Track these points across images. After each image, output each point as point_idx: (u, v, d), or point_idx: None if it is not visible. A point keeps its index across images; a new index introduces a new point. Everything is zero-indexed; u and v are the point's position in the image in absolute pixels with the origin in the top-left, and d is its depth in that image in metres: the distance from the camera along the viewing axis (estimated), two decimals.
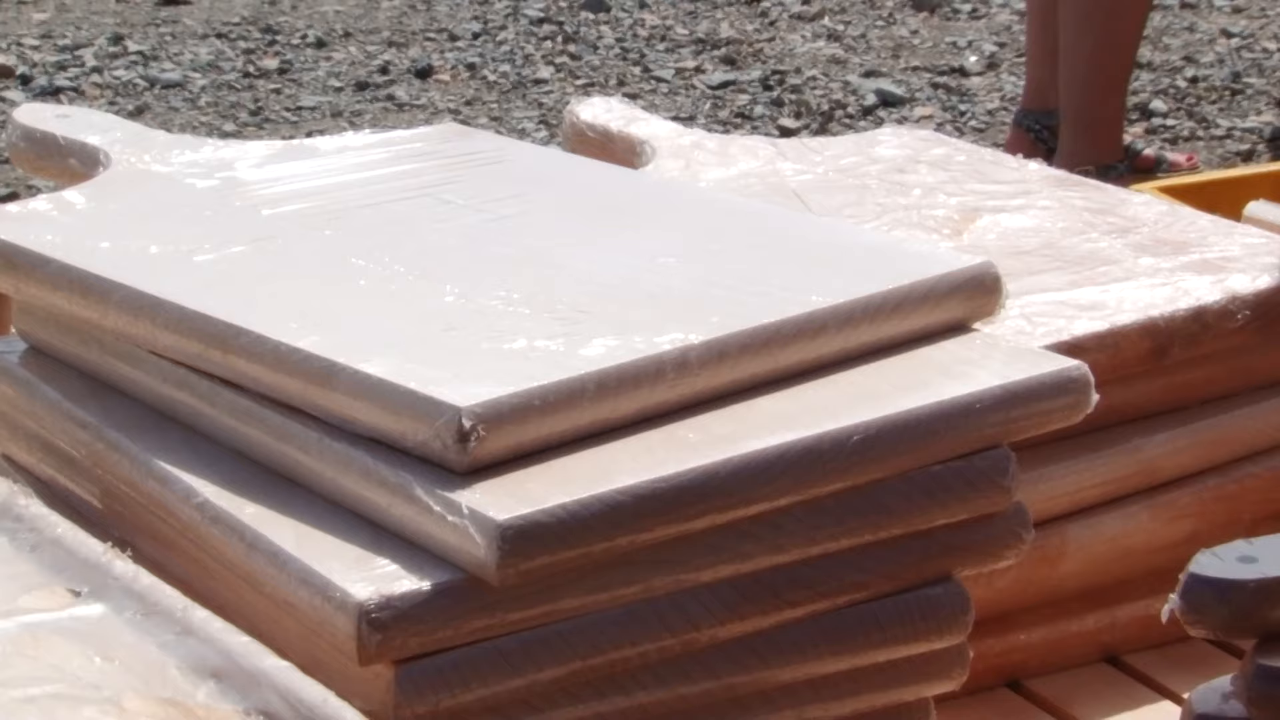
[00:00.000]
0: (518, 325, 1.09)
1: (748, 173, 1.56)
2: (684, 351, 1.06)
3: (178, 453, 1.10)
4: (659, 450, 1.03)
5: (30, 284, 1.18)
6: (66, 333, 1.19)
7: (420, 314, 1.11)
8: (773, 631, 1.07)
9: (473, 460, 1.00)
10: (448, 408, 1.00)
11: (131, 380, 1.16)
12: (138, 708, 0.91)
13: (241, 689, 0.93)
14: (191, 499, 1.06)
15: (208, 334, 1.10)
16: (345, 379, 1.04)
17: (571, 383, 1.03)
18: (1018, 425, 1.10)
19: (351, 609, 0.96)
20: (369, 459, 1.02)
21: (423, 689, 0.98)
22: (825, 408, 1.07)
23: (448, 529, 0.98)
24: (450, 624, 0.97)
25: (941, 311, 1.15)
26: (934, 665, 1.12)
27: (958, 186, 1.52)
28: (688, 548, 1.03)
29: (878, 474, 1.07)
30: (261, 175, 1.31)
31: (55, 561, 1.04)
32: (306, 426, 1.05)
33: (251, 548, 1.02)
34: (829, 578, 1.07)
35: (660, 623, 1.03)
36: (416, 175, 1.32)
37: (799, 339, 1.10)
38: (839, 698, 1.10)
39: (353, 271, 1.16)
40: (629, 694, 1.04)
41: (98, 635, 0.97)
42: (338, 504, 1.04)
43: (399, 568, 0.98)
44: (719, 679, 1.06)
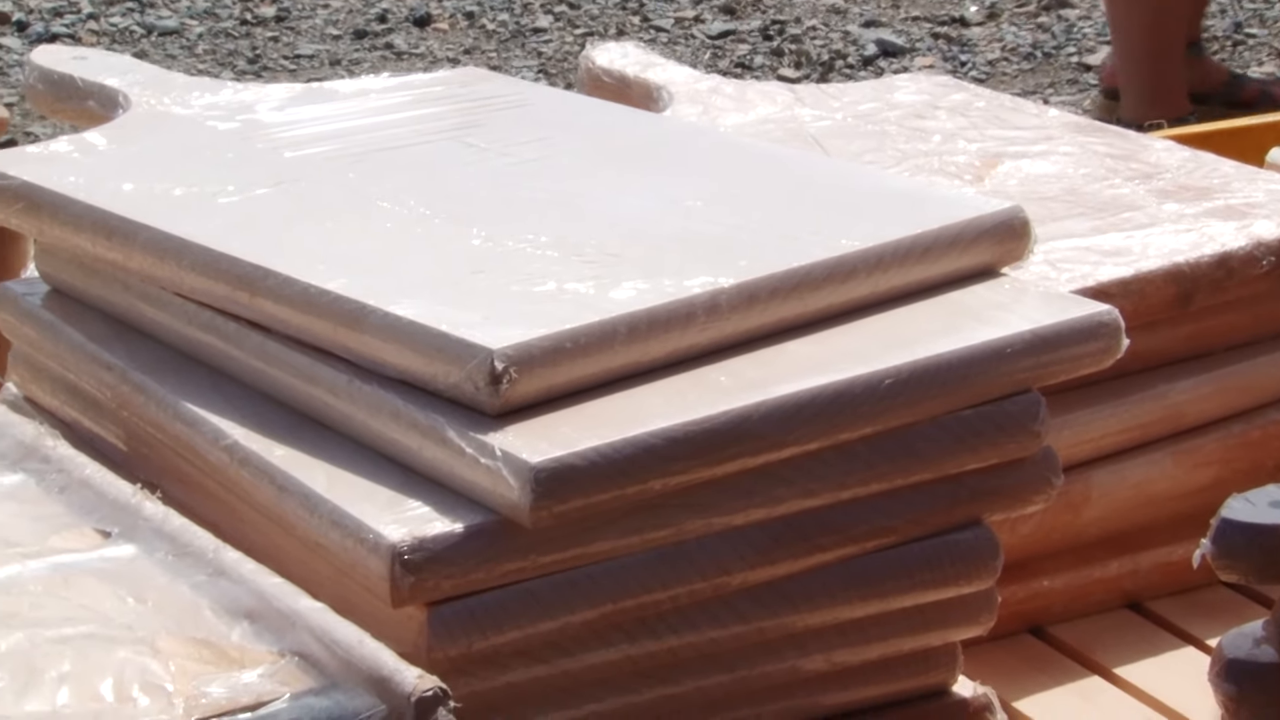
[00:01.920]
0: (546, 268, 1.08)
1: (766, 118, 1.55)
2: (714, 295, 1.06)
3: (205, 395, 1.09)
4: (690, 393, 1.03)
5: (53, 226, 1.17)
6: (90, 275, 1.19)
7: (448, 257, 1.10)
8: (802, 575, 1.06)
9: (504, 403, 0.99)
10: (479, 350, 0.99)
11: (156, 323, 1.15)
12: (172, 648, 0.91)
13: (275, 630, 0.92)
14: (220, 441, 1.06)
15: (234, 276, 1.09)
16: (375, 321, 1.03)
17: (602, 325, 1.02)
18: (1048, 370, 1.10)
19: (384, 551, 0.95)
20: (399, 401, 1.01)
21: (455, 631, 0.97)
22: (855, 352, 1.07)
23: (480, 471, 0.97)
24: (483, 566, 0.97)
25: (970, 256, 1.14)
26: (962, 610, 1.12)
27: (978, 133, 1.52)
28: (719, 491, 1.02)
29: (908, 418, 1.06)
30: (282, 118, 1.30)
31: (84, 503, 1.04)
32: (335, 369, 1.05)
33: (282, 490, 1.02)
34: (859, 522, 1.07)
35: (691, 566, 1.03)
36: (439, 119, 1.31)
37: (829, 283, 1.10)
38: (867, 642, 1.10)
39: (379, 214, 1.16)
40: (659, 637, 1.04)
41: (129, 576, 0.97)
42: (367, 447, 1.03)
43: (431, 510, 0.98)
44: (749, 623, 1.06)
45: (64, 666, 0.89)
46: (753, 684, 1.08)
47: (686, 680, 1.06)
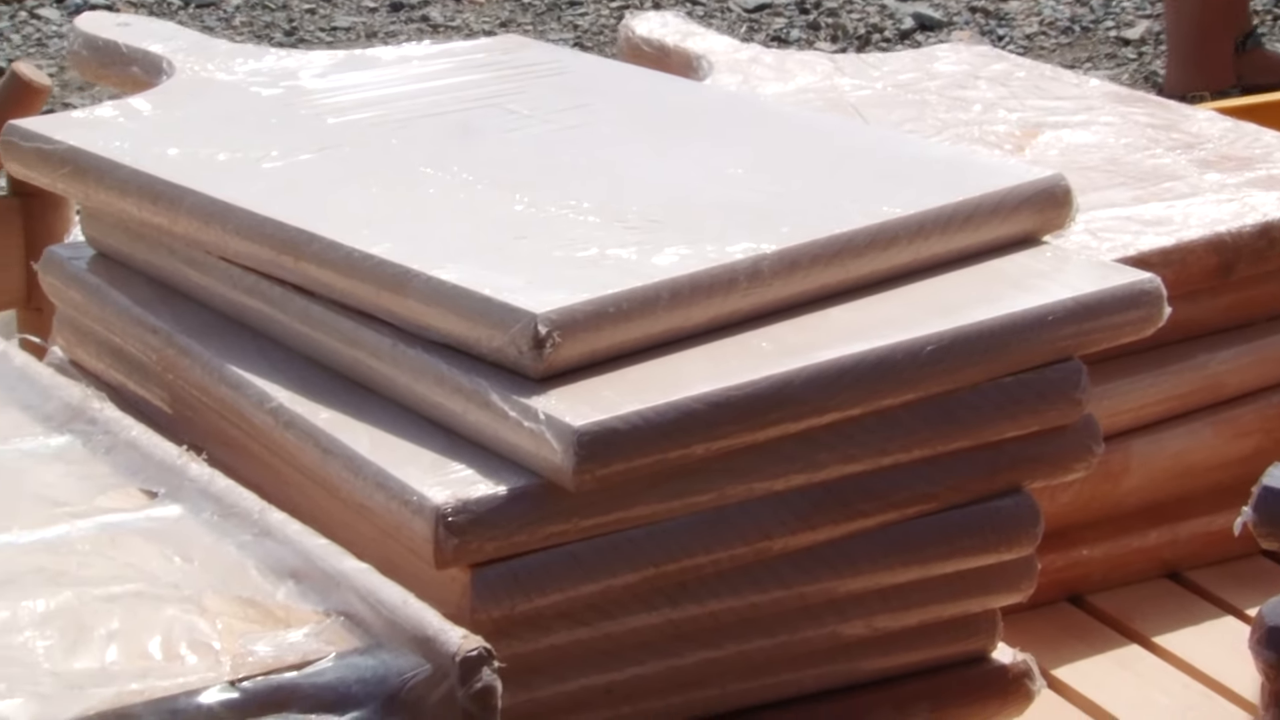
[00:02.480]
0: (589, 234, 1.09)
1: (805, 88, 1.55)
2: (756, 261, 1.06)
3: (249, 358, 1.10)
4: (732, 359, 1.03)
5: (99, 190, 1.18)
6: (135, 239, 1.19)
7: (491, 222, 1.11)
8: (843, 541, 1.07)
9: (547, 366, 1.00)
10: (523, 314, 1.00)
11: (201, 286, 1.16)
12: (218, 607, 0.92)
13: (321, 590, 0.93)
14: (265, 404, 1.06)
15: (279, 240, 1.10)
16: (419, 285, 1.04)
17: (645, 290, 1.03)
18: (1090, 338, 1.10)
19: (429, 513, 0.96)
20: (443, 365, 1.02)
21: (498, 593, 0.98)
22: (897, 319, 1.07)
23: (524, 435, 0.98)
24: (526, 528, 0.98)
25: (1012, 224, 1.15)
26: (1002, 577, 1.12)
27: (1018, 102, 1.52)
28: (760, 456, 1.03)
29: (950, 385, 1.06)
30: (325, 84, 1.31)
31: (130, 464, 1.04)
32: (379, 333, 1.06)
33: (326, 453, 1.02)
34: (900, 488, 1.07)
35: (732, 530, 1.03)
36: (480, 85, 1.31)
37: (871, 250, 1.10)
38: (907, 608, 1.10)
39: (421, 180, 1.16)
40: (701, 602, 1.04)
41: (175, 535, 0.98)
42: (411, 410, 1.04)
43: (474, 472, 0.98)
44: (790, 588, 1.06)
45: (112, 624, 0.90)
46: (793, 648, 1.08)
47: (728, 644, 1.06)
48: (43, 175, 1.21)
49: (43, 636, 0.89)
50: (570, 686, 1.03)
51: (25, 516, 0.99)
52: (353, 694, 0.88)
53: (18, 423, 1.09)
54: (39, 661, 0.87)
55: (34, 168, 1.21)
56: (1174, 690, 1.21)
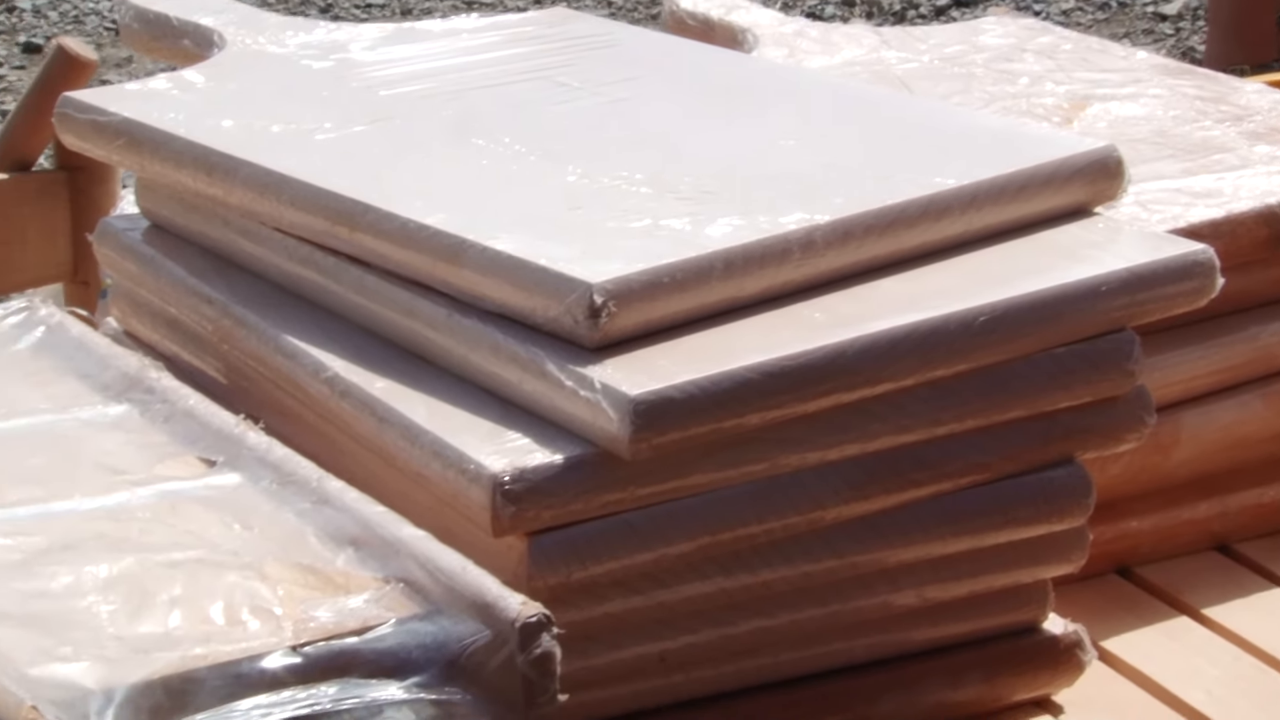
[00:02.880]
0: (642, 205, 1.09)
1: (852, 61, 1.55)
2: (810, 231, 1.06)
3: (304, 328, 1.11)
4: (785, 329, 1.03)
5: (154, 162, 1.19)
6: (190, 210, 1.20)
7: (544, 193, 1.11)
8: (896, 511, 1.07)
9: (603, 336, 1.00)
10: (579, 284, 1.00)
11: (256, 257, 1.16)
12: (279, 574, 0.93)
13: (379, 557, 0.94)
14: (320, 373, 1.07)
15: (334, 211, 1.10)
16: (474, 256, 1.04)
17: (699, 261, 1.03)
18: (1143, 308, 1.10)
19: (486, 481, 0.97)
20: (499, 335, 1.03)
21: (554, 561, 0.99)
22: (949, 289, 1.07)
23: (580, 404, 0.98)
24: (581, 497, 0.98)
25: (1064, 195, 1.15)
26: (1053, 547, 1.12)
27: (1065, 75, 1.51)
28: (813, 426, 1.03)
29: (1002, 355, 1.07)
30: (375, 57, 1.31)
31: (188, 432, 1.05)
32: (434, 303, 1.06)
33: (383, 421, 1.03)
34: (952, 458, 1.07)
35: (786, 500, 1.04)
36: (529, 58, 1.32)
37: (923, 221, 1.10)
38: (959, 578, 1.10)
39: (474, 151, 1.17)
40: (754, 571, 1.05)
41: (235, 503, 0.99)
42: (466, 380, 1.05)
43: (530, 441, 0.99)
44: (842, 557, 1.06)
45: (175, 590, 0.91)
46: (845, 618, 1.09)
47: (780, 613, 1.07)
48: (97, 147, 1.22)
49: (106, 601, 0.90)
50: (625, 654, 1.03)
51: (86, 484, 1.00)
52: (413, 659, 0.88)
53: (76, 392, 1.10)
54: (103, 625, 0.88)
55: (89, 139, 1.22)
56: (1224, 662, 1.21)
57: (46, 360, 1.13)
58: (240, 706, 0.85)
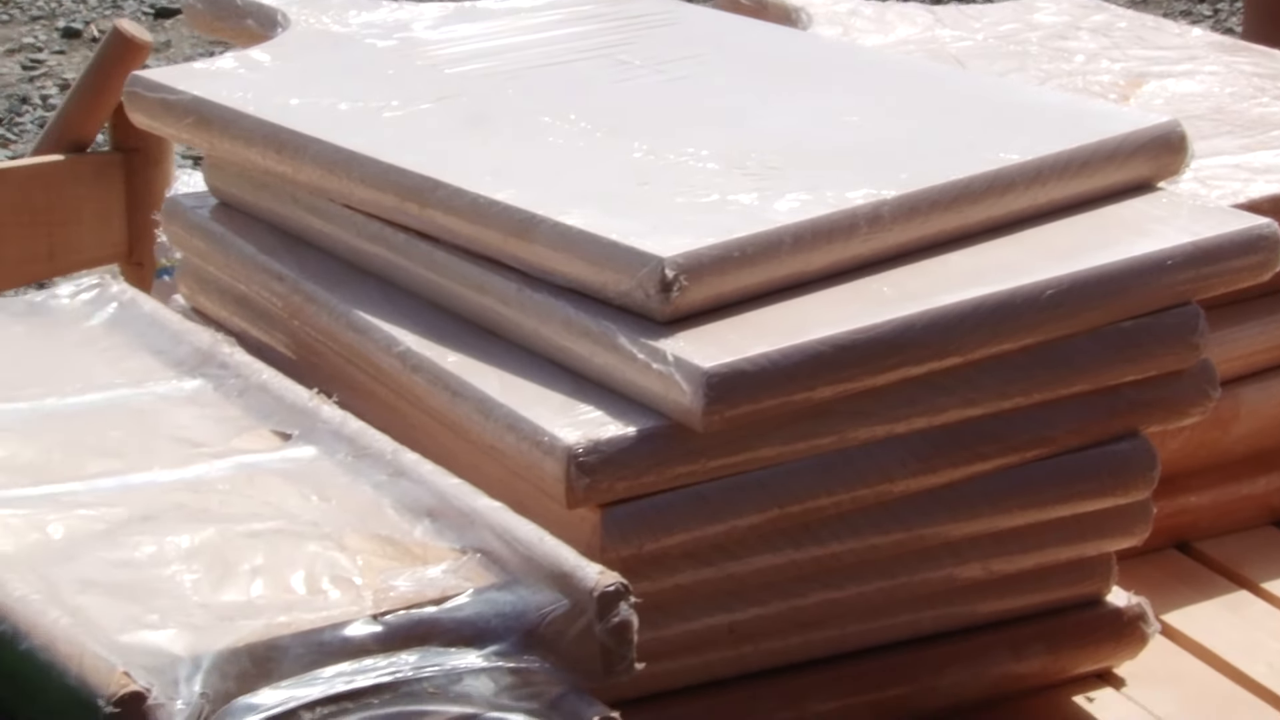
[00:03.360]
0: (709, 180, 1.10)
1: (906, 39, 1.56)
2: (876, 206, 1.07)
3: (375, 303, 1.12)
4: (854, 303, 1.04)
5: (223, 140, 1.20)
6: (258, 188, 1.21)
7: (612, 169, 1.12)
8: (963, 484, 1.08)
9: (674, 310, 1.01)
10: (650, 258, 1.01)
11: (325, 234, 1.18)
12: (358, 544, 0.94)
13: (456, 528, 0.95)
14: (392, 348, 1.08)
15: (404, 187, 1.11)
16: (545, 231, 1.05)
17: (768, 235, 1.04)
18: (1207, 282, 1.10)
19: (560, 453, 0.98)
20: (570, 309, 1.04)
21: (627, 532, 1.00)
22: (1015, 264, 1.08)
23: (652, 377, 0.99)
24: (654, 469, 0.99)
25: (1128, 170, 1.15)
26: (1117, 521, 1.13)
27: (1121, 52, 1.52)
28: (883, 399, 1.04)
29: (1068, 329, 1.07)
30: (438, 36, 1.32)
31: (262, 406, 1.07)
32: (505, 278, 1.07)
33: (456, 395, 1.04)
34: (1018, 432, 1.08)
35: (854, 472, 1.05)
36: (590, 36, 1.33)
37: (988, 195, 1.11)
38: (1024, 551, 1.11)
39: (540, 128, 1.17)
40: (823, 543, 1.05)
41: (311, 476, 1.00)
42: (536, 354, 1.06)
43: (603, 414, 1.00)
44: (909, 530, 1.07)
45: (256, 560, 0.92)
46: (912, 590, 1.09)
47: (847, 585, 1.08)
48: (166, 125, 1.23)
49: (189, 570, 0.91)
50: (695, 625, 1.04)
51: (164, 456, 1.02)
52: (492, 628, 0.90)
53: (149, 367, 1.11)
54: (188, 594, 0.89)
55: (158, 118, 1.23)
56: None
57: (119, 336, 1.15)
58: (323, 674, 0.86)
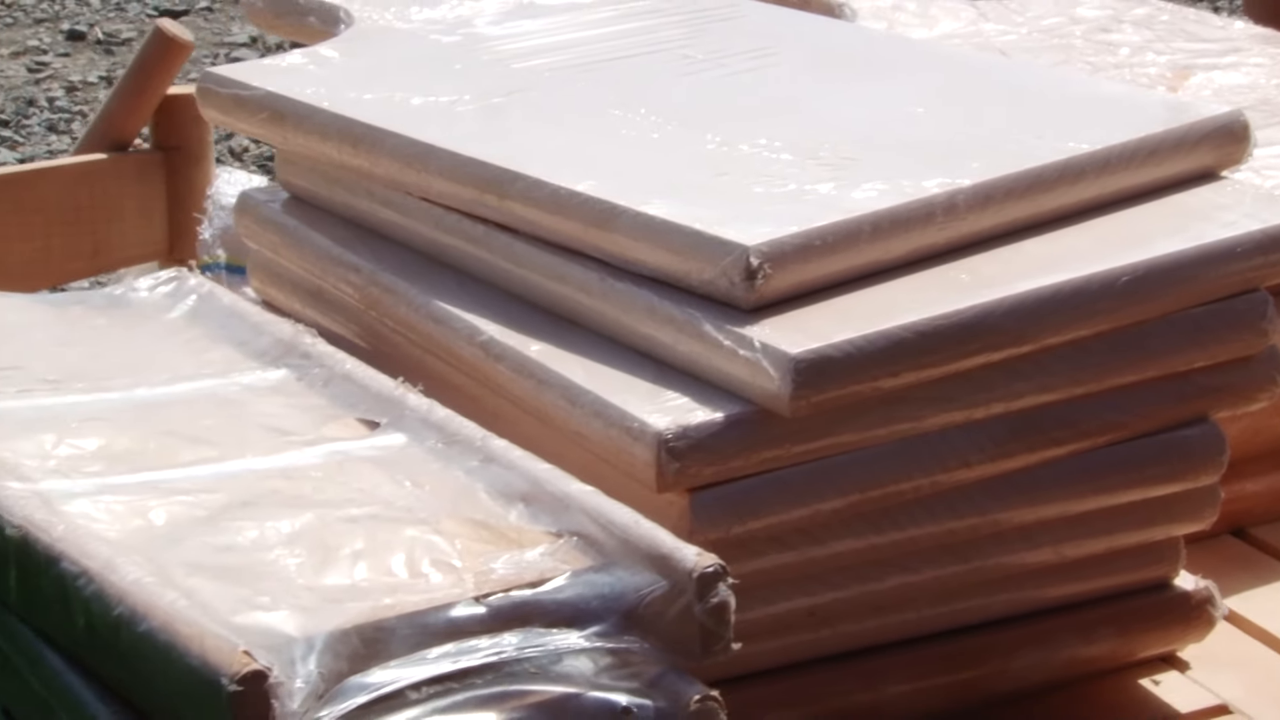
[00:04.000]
0: (784, 170, 1.11)
1: (950, 34, 1.57)
2: (952, 195, 1.09)
3: (454, 294, 1.13)
4: (933, 290, 1.06)
5: (298, 134, 1.21)
6: (331, 182, 1.22)
7: (687, 160, 1.13)
8: (1036, 469, 1.09)
9: (758, 297, 1.02)
10: (735, 246, 1.02)
11: (400, 226, 1.19)
12: (454, 529, 0.95)
13: (551, 512, 0.96)
14: (474, 338, 1.10)
15: (483, 179, 1.13)
16: (627, 221, 1.06)
17: (848, 224, 1.05)
18: (1275, 269, 1.12)
19: (651, 439, 0.99)
20: (654, 297, 1.05)
21: (715, 516, 1.01)
22: (1088, 251, 1.10)
23: (739, 363, 1.01)
24: (741, 454, 1.01)
25: (1193, 159, 1.17)
26: (1186, 505, 1.15)
27: (1165, 45, 1.53)
28: (961, 385, 1.05)
29: (1142, 315, 1.09)
30: (502, 31, 1.34)
31: (348, 395, 1.08)
32: (586, 268, 1.08)
33: (541, 383, 1.05)
34: (1092, 417, 1.10)
35: (933, 458, 1.06)
36: (653, 31, 1.34)
37: (1060, 184, 1.12)
38: (1095, 535, 1.13)
39: (612, 121, 1.19)
40: (901, 528, 1.07)
41: (403, 462, 1.01)
42: (618, 342, 1.07)
43: (690, 400, 1.01)
44: (985, 515, 1.09)
45: (356, 544, 0.93)
46: (985, 574, 1.11)
47: (924, 569, 1.09)
48: (239, 120, 1.25)
49: (292, 554, 0.93)
50: (777, 609, 1.06)
51: (256, 444, 1.03)
52: (592, 609, 0.91)
53: (232, 358, 1.13)
54: (293, 577, 0.91)
55: (231, 113, 1.25)
56: None
57: (200, 328, 1.16)
58: (429, 654, 0.88)
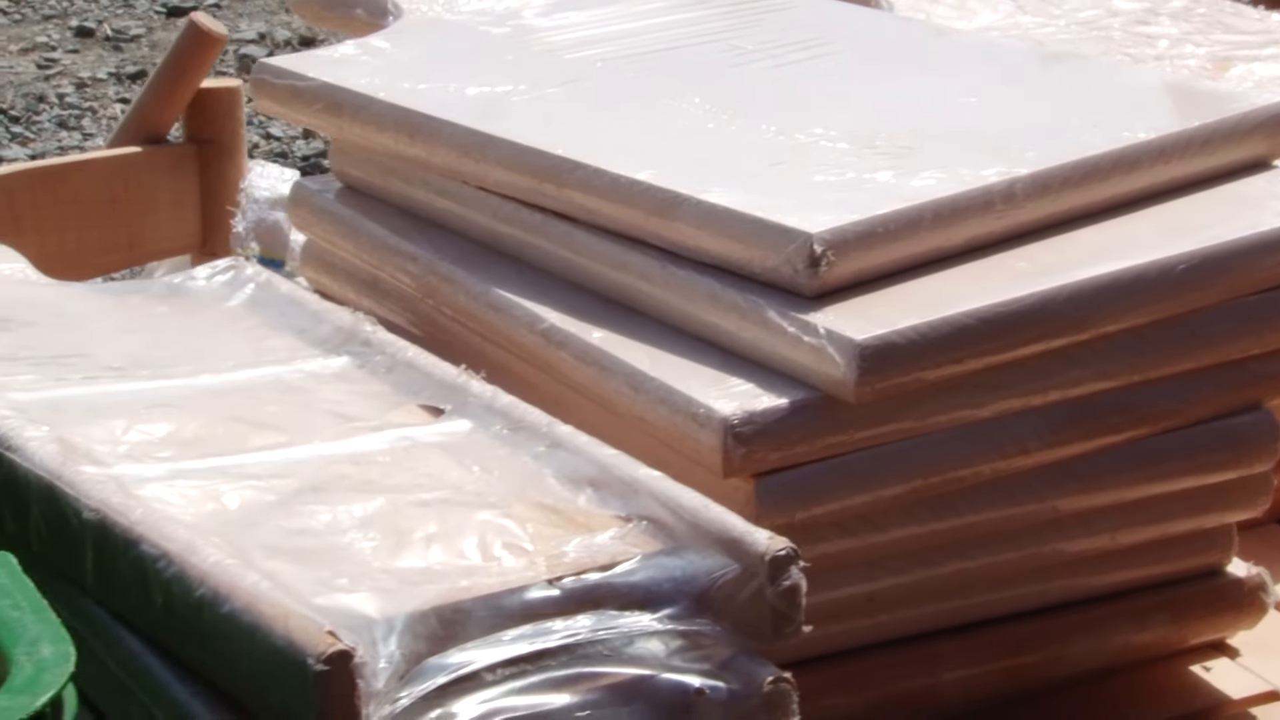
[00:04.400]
0: (841, 159, 1.12)
1: (988, 26, 1.58)
2: (1010, 183, 1.09)
3: (513, 282, 1.14)
4: (992, 278, 1.06)
5: (354, 124, 1.22)
6: (386, 172, 1.23)
7: (744, 149, 1.14)
8: (1093, 455, 1.10)
9: (821, 284, 1.03)
10: (798, 234, 1.03)
11: (457, 215, 1.20)
12: (524, 513, 0.96)
13: (620, 496, 0.97)
14: (535, 325, 1.10)
15: (541, 169, 1.13)
16: (688, 209, 1.07)
17: (909, 212, 1.06)
18: None
19: (717, 424, 1.00)
20: (716, 284, 1.06)
21: (780, 501, 1.02)
22: (1144, 239, 1.10)
23: (803, 349, 1.01)
24: (806, 439, 1.01)
25: (1244, 148, 1.17)
26: (1239, 492, 1.15)
27: (1203, 37, 1.54)
28: (1020, 372, 1.06)
29: (1198, 303, 1.10)
30: (551, 23, 1.34)
31: (410, 383, 1.08)
32: (647, 256, 1.09)
33: (604, 370, 1.06)
34: (1148, 404, 1.11)
35: (992, 444, 1.07)
36: (703, 22, 1.35)
37: (1115, 173, 1.13)
38: (1150, 522, 1.14)
39: (667, 111, 1.20)
40: (960, 514, 1.08)
41: (470, 448, 1.02)
42: (679, 330, 1.08)
43: (754, 386, 1.02)
44: (1042, 501, 1.10)
45: (429, 528, 0.94)
46: (1041, 561, 1.12)
47: (981, 555, 1.10)
48: (295, 111, 1.25)
49: (366, 538, 0.93)
50: (838, 594, 1.06)
51: (322, 430, 1.03)
52: (664, 592, 0.91)
53: (293, 346, 1.13)
54: (369, 560, 0.91)
55: (286, 104, 1.25)
56: None
57: (259, 316, 1.17)
58: (505, 636, 0.88)
